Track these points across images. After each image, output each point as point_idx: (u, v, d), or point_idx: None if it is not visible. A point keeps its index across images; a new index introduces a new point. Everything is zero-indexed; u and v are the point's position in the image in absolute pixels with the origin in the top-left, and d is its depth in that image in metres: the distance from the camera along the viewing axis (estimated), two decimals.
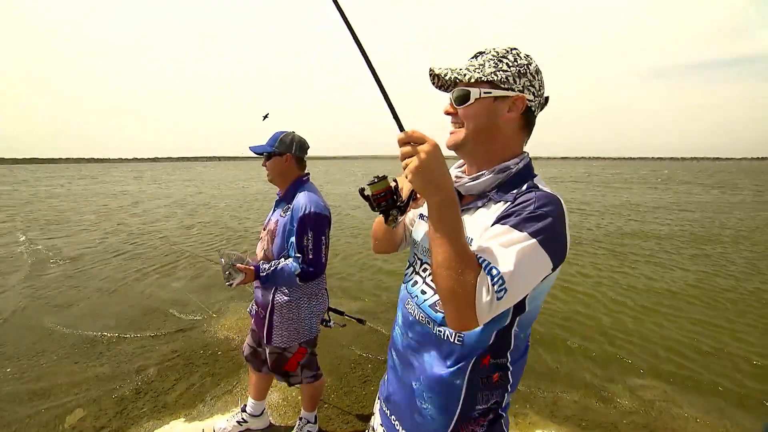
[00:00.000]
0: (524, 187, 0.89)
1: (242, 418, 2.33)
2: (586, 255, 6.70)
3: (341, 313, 2.46)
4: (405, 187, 0.96)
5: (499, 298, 0.74)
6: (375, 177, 0.90)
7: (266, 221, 2.10)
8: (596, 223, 9.90)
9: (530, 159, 0.95)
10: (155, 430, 2.39)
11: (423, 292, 0.99)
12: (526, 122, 0.93)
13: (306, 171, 2.10)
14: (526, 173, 0.92)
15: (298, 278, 1.87)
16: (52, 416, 2.56)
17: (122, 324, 3.96)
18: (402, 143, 0.78)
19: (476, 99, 0.88)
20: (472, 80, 0.88)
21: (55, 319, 4.06)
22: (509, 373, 0.95)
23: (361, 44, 0.81)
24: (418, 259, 1.05)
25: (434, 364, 0.95)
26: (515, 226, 0.79)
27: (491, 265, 0.76)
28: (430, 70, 0.92)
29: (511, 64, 0.87)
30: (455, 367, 0.92)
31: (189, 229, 9.43)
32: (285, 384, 2.49)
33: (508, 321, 0.89)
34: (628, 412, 2.71)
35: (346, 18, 0.83)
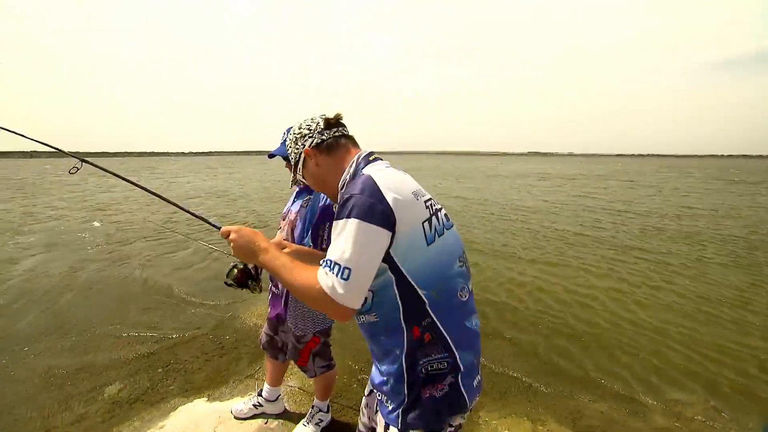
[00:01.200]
0: None
1: (258, 402, 2.42)
2: (623, 261, 6.29)
3: None
4: None
5: (345, 278, 0.91)
6: (228, 271, 1.44)
7: (285, 211, 2.15)
8: (639, 226, 9.24)
9: (365, 155, 1.15)
10: (180, 406, 2.55)
11: None
12: (327, 150, 1.16)
13: None
14: (356, 172, 1.11)
15: None
16: (95, 386, 2.81)
17: (161, 306, 4.26)
18: (223, 236, 1.20)
19: (301, 175, 1.23)
20: (294, 170, 1.24)
21: (99, 299, 4.44)
22: (441, 328, 1.03)
23: None
24: None
25: (378, 344, 1.12)
26: (336, 218, 0.98)
27: (325, 258, 0.96)
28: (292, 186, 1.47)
29: (289, 143, 1.22)
30: (392, 341, 1.06)
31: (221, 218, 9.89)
32: (302, 373, 2.57)
33: (395, 289, 1.01)
34: (660, 428, 2.52)
35: None
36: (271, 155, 2.02)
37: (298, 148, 1.18)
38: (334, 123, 1.18)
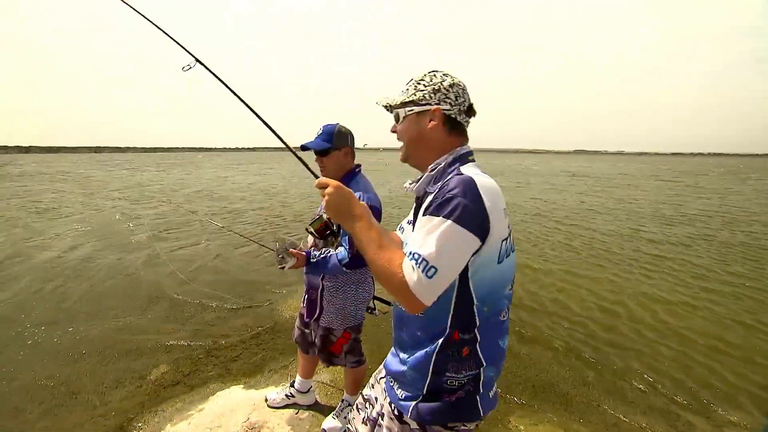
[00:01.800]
0: (449, 176, 1.03)
1: (290, 393, 2.51)
2: (665, 271, 5.92)
3: (388, 303, 2.50)
4: None
5: (430, 276, 0.90)
6: (314, 217, 1.26)
7: (319, 210, 2.20)
8: (686, 233, 8.65)
9: (466, 151, 1.11)
10: (218, 391, 2.69)
11: None
12: (451, 127, 1.10)
13: (358, 162, 2.14)
14: (454, 163, 1.08)
15: (345, 267, 1.94)
16: (142, 367, 3.02)
17: (201, 297, 4.48)
18: (318, 188, 1.09)
19: (404, 117, 1.12)
20: (399, 102, 1.12)
21: (143, 287, 4.74)
22: (478, 346, 1.06)
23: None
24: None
25: (411, 335, 1.13)
26: (433, 213, 0.96)
27: (414, 251, 0.93)
28: (376, 103, 1.19)
29: (427, 84, 1.09)
30: (427, 336, 1.08)
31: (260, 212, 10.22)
32: (333, 368, 2.63)
33: (455, 296, 1.03)
34: None
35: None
36: (305, 147, 2.05)
37: (430, 98, 1.08)
38: (472, 114, 1.14)
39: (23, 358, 3.15)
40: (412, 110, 1.10)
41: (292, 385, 2.53)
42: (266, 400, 2.54)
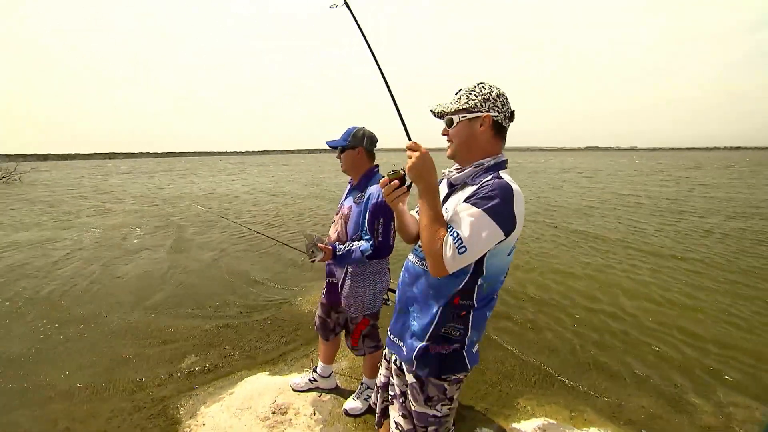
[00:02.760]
0: (489, 177, 1.25)
1: (313, 378, 2.70)
2: (667, 267, 5.98)
3: None
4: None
5: (460, 253, 1.13)
6: (392, 170, 1.35)
7: (339, 206, 2.38)
8: (681, 229, 8.65)
9: (504, 159, 1.33)
10: (245, 378, 2.90)
11: (419, 245, 1.40)
12: (497, 131, 1.30)
13: (375, 163, 2.32)
14: (494, 167, 1.30)
15: (367, 258, 2.12)
16: (173, 357, 3.25)
17: (228, 293, 4.72)
18: (408, 148, 1.24)
19: (458, 122, 1.30)
20: (453, 110, 1.30)
21: (178, 286, 4.99)
22: (472, 311, 1.32)
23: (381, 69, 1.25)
24: None
25: (422, 293, 1.37)
26: (474, 204, 1.17)
27: (454, 229, 1.16)
28: (430, 110, 1.37)
29: (477, 94, 1.27)
30: (436, 296, 1.33)
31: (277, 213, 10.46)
32: (353, 354, 2.81)
33: (470, 273, 1.26)
34: (705, 427, 2.50)
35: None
36: (333, 146, 2.24)
37: (481, 106, 1.26)
38: (513, 119, 1.33)
39: (67, 347, 3.39)
40: (465, 116, 1.28)
41: (314, 371, 2.73)
42: (290, 384, 2.74)
